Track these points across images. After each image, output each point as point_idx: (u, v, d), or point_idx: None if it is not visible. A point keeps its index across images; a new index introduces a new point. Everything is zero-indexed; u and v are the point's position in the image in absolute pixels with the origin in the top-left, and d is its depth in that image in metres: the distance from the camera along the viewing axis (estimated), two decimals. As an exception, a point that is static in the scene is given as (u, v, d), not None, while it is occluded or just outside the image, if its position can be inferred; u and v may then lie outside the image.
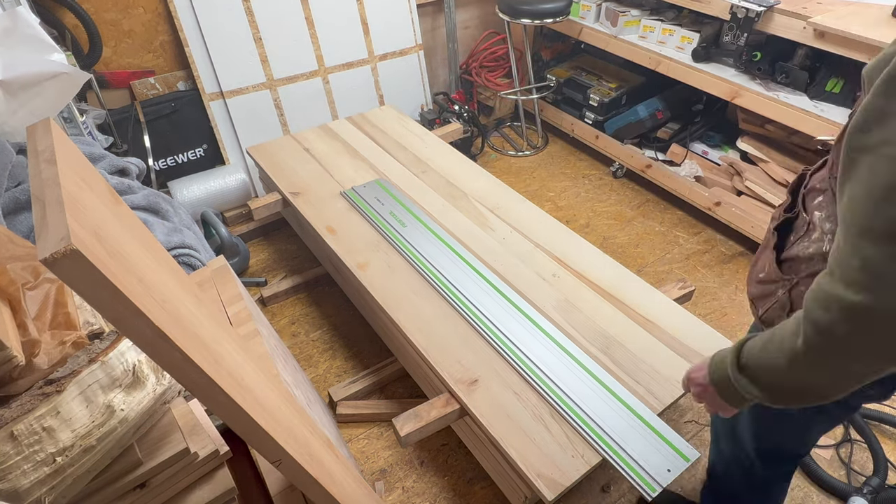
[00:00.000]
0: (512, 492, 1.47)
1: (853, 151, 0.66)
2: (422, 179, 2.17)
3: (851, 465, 1.70)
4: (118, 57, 2.46)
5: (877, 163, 0.63)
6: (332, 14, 2.75)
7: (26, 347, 0.77)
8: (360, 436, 1.83)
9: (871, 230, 0.62)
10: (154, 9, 2.43)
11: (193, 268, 1.79)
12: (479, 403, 1.37)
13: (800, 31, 2.01)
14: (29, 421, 0.73)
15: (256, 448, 0.75)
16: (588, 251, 1.82)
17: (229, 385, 0.66)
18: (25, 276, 0.85)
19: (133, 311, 0.54)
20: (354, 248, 1.85)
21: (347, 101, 2.92)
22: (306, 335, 2.18)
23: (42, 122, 0.74)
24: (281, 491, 1.17)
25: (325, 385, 1.98)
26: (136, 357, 0.88)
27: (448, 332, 1.55)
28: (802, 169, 1.01)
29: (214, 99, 2.59)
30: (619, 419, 1.33)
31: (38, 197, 0.57)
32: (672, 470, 1.23)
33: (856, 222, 0.65)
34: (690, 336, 1.53)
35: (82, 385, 0.78)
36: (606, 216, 2.77)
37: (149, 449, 0.89)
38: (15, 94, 1.60)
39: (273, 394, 0.91)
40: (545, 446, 1.28)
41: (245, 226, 2.68)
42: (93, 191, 0.71)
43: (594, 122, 3.07)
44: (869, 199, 0.63)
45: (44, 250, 0.48)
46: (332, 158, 2.32)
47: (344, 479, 1.03)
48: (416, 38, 3.02)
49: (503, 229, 1.91)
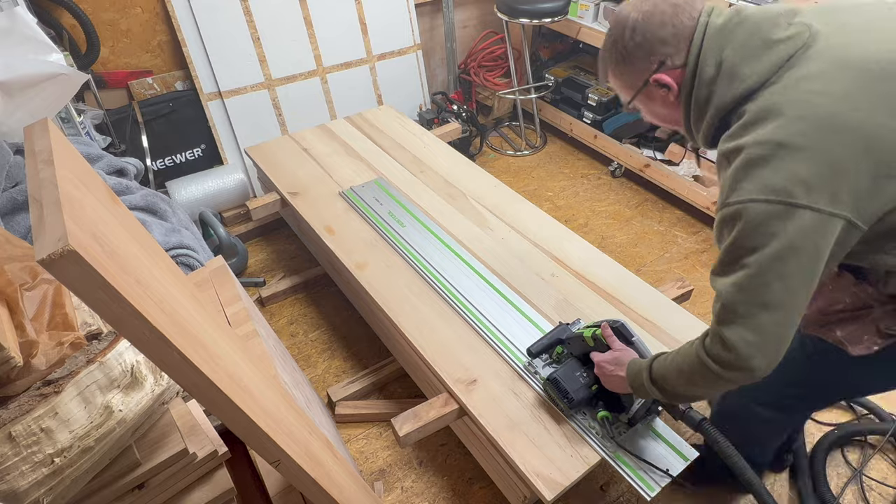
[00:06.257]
0: (511, 492, 1.47)
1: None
2: (420, 179, 2.17)
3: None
4: (116, 57, 2.45)
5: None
6: (330, 14, 2.74)
7: (24, 348, 0.77)
8: (358, 436, 1.83)
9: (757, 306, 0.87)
10: (152, 9, 2.43)
11: (192, 268, 1.79)
12: (478, 403, 1.37)
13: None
14: (27, 422, 0.73)
15: (255, 448, 0.75)
16: (587, 251, 1.82)
17: (228, 386, 0.66)
18: (23, 277, 0.85)
19: (131, 312, 0.54)
20: (353, 248, 1.85)
21: (346, 101, 2.92)
22: (305, 335, 2.18)
23: (40, 123, 0.73)
24: (280, 491, 1.17)
25: (324, 385, 1.98)
26: (135, 358, 0.87)
27: (447, 332, 1.55)
28: None
29: (212, 99, 2.59)
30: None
31: (35, 197, 0.57)
32: (671, 469, 1.23)
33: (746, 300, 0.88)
34: (689, 335, 1.52)
35: (80, 386, 0.78)
36: (605, 215, 2.77)
37: (147, 450, 0.89)
38: (13, 94, 1.60)
39: (272, 394, 0.90)
40: (544, 446, 1.28)
41: (243, 226, 2.68)
42: (90, 191, 0.71)
43: (593, 121, 3.07)
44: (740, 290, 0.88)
45: (41, 251, 0.47)
46: (330, 158, 2.31)
47: (343, 480, 1.03)
48: (414, 37, 3.02)
49: (502, 229, 1.91)
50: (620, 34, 0.98)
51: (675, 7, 0.94)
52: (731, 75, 0.89)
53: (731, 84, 0.90)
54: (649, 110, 1.08)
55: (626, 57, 0.99)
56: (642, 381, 1.08)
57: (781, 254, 0.82)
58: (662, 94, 1.00)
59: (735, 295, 0.87)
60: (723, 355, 0.89)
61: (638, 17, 0.96)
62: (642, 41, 0.96)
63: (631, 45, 0.97)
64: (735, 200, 0.85)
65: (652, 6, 0.95)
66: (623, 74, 1.02)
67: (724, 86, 0.91)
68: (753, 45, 0.88)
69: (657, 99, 1.02)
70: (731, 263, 0.88)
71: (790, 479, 1.66)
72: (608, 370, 1.21)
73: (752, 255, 0.84)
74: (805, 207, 0.80)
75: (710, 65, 0.91)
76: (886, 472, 1.68)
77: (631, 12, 0.97)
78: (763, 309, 0.85)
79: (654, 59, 0.96)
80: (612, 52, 1.02)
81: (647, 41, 0.96)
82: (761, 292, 0.84)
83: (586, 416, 1.33)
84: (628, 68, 1.00)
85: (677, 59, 0.95)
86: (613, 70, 1.04)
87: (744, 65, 0.88)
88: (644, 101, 1.05)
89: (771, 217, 0.81)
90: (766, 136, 0.83)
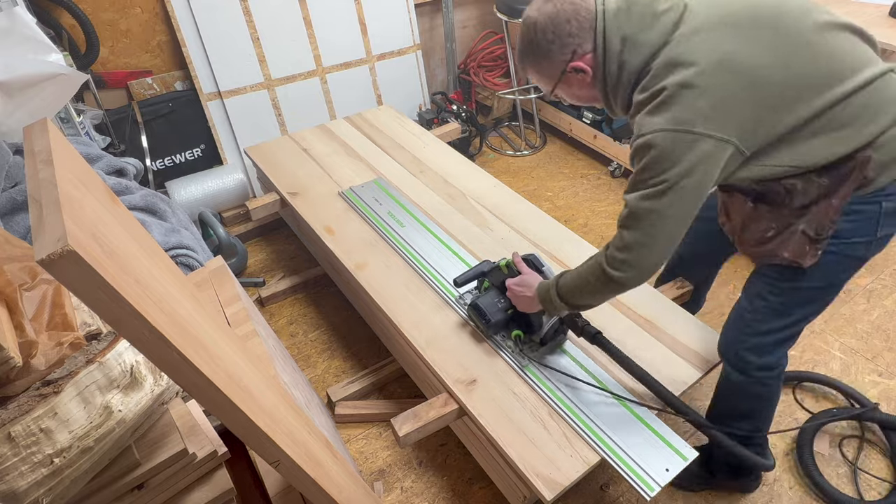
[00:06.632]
0: (511, 492, 1.47)
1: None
2: (420, 179, 2.17)
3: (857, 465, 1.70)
4: (115, 57, 2.45)
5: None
6: (329, 14, 2.74)
7: (23, 348, 0.77)
8: (358, 436, 1.83)
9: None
10: (151, 9, 2.43)
11: (191, 268, 1.79)
12: (478, 403, 1.37)
13: (797, 30, 2.01)
14: (26, 422, 0.73)
15: (255, 449, 0.75)
16: (586, 251, 1.82)
17: (227, 386, 0.66)
18: (23, 277, 0.85)
19: (130, 312, 0.54)
20: (353, 248, 1.85)
21: (345, 101, 2.92)
22: (304, 335, 2.18)
23: (39, 123, 0.73)
24: (279, 492, 1.17)
25: (324, 385, 1.98)
26: (134, 358, 0.87)
27: (447, 332, 1.55)
28: None
29: (212, 99, 2.59)
30: (617, 419, 1.33)
31: (34, 198, 0.57)
32: (670, 469, 1.23)
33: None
34: (688, 335, 1.53)
35: (80, 386, 0.78)
36: (605, 216, 2.77)
37: (147, 450, 0.89)
38: (12, 94, 1.60)
39: (271, 394, 0.90)
40: (544, 446, 1.28)
41: (243, 226, 2.67)
42: (90, 191, 0.71)
43: (592, 121, 3.07)
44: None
45: (41, 251, 0.47)
46: (330, 158, 2.31)
47: (342, 480, 1.03)
48: (413, 37, 3.02)
49: (501, 229, 1.91)
50: (533, 35, 1.15)
51: (573, 4, 1.11)
52: (634, 45, 1.08)
53: (636, 52, 1.08)
54: (570, 94, 1.24)
55: (544, 54, 1.15)
56: (550, 295, 1.27)
57: (682, 174, 1.01)
58: (580, 78, 1.17)
59: (639, 205, 1.06)
60: (618, 256, 1.11)
61: (545, 19, 1.12)
62: (554, 38, 1.13)
63: (545, 43, 1.14)
64: (648, 131, 1.04)
65: (553, 8, 1.12)
66: (543, 69, 1.19)
67: (631, 55, 1.09)
68: (645, 19, 1.08)
69: (575, 83, 1.19)
70: (641, 182, 1.07)
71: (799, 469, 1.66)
72: (517, 291, 1.39)
73: (659, 175, 1.03)
74: (704, 135, 1.00)
75: (615, 42, 1.10)
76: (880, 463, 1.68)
77: (538, 16, 1.13)
78: (659, 218, 1.05)
79: (566, 50, 1.13)
80: (530, 52, 1.18)
81: (559, 37, 1.12)
82: (661, 205, 1.04)
83: (505, 337, 1.51)
84: (546, 63, 1.17)
85: (587, 46, 1.13)
86: (533, 67, 1.20)
87: (642, 35, 1.08)
88: (564, 88, 1.22)
89: (676, 143, 1.01)
90: (671, 81, 1.02)
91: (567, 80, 1.18)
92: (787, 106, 1.01)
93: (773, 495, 1.63)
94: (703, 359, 1.47)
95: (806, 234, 1.14)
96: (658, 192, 1.04)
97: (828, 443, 1.74)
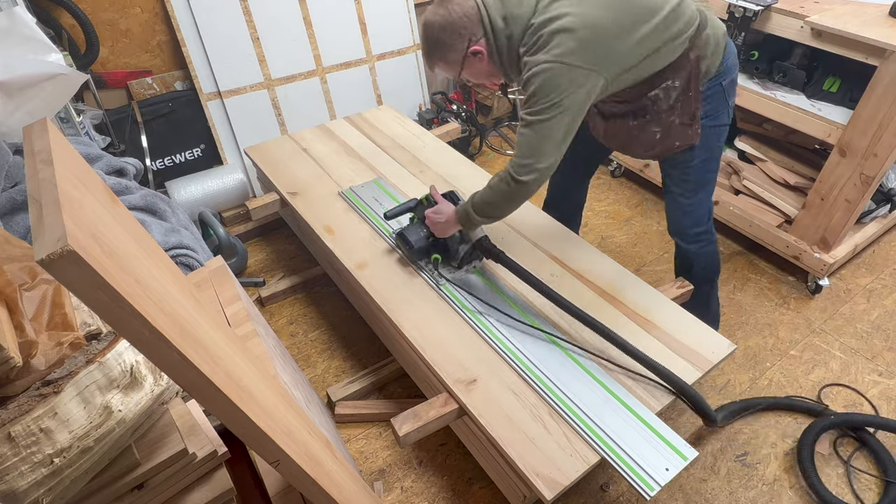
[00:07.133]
0: (511, 491, 1.47)
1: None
2: (420, 179, 2.17)
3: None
4: (115, 57, 2.45)
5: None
6: (329, 14, 2.74)
7: (23, 348, 0.77)
8: (358, 436, 1.83)
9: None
10: (151, 8, 2.43)
11: (191, 268, 1.79)
12: (478, 403, 1.37)
13: (797, 30, 2.01)
14: (26, 422, 0.73)
15: (255, 449, 0.75)
16: (586, 250, 1.82)
17: (227, 386, 0.66)
18: (22, 277, 0.85)
19: (130, 312, 0.54)
20: (353, 248, 1.85)
21: (345, 101, 2.91)
22: (304, 335, 2.18)
23: (39, 123, 0.73)
24: (279, 491, 1.17)
25: (324, 385, 1.98)
26: (134, 358, 0.87)
27: (446, 332, 1.55)
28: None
29: (212, 99, 2.59)
30: (617, 418, 1.33)
31: (34, 197, 0.57)
32: (670, 469, 1.23)
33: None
34: (688, 335, 1.53)
35: (80, 386, 0.78)
36: (604, 215, 2.77)
37: (147, 450, 0.89)
38: (12, 94, 1.60)
39: (271, 394, 0.90)
40: (544, 446, 1.28)
41: (243, 226, 2.67)
42: (90, 191, 0.71)
43: (592, 121, 3.08)
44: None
45: (40, 251, 0.47)
46: (330, 158, 2.31)
47: (342, 480, 1.03)
48: (413, 37, 3.02)
49: (501, 229, 1.91)
50: (434, 34, 1.43)
51: (459, 5, 1.39)
52: (513, 19, 1.38)
53: (516, 23, 1.38)
54: (473, 74, 1.51)
55: (447, 48, 1.44)
56: (468, 211, 1.53)
57: (562, 95, 1.31)
58: (479, 59, 1.45)
59: (532, 121, 1.35)
60: (522, 162, 1.39)
61: (442, 20, 1.40)
62: (452, 32, 1.41)
63: (445, 38, 1.42)
64: (533, 65, 1.33)
65: (446, 10, 1.40)
66: (448, 59, 1.46)
67: (513, 27, 1.38)
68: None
69: (476, 64, 1.46)
70: (532, 105, 1.35)
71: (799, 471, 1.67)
72: (433, 218, 1.63)
73: (546, 97, 1.32)
74: (578, 66, 1.31)
75: (499, 22, 1.39)
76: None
77: (436, 19, 1.42)
78: (549, 130, 1.35)
79: (464, 40, 1.42)
80: (436, 48, 1.45)
81: (456, 31, 1.41)
82: (549, 120, 1.33)
83: (427, 262, 1.73)
84: (450, 55, 1.45)
85: (478, 33, 1.42)
86: (441, 59, 1.47)
87: (517, 10, 1.37)
88: (469, 70, 1.49)
89: (555, 73, 1.31)
90: (546, 30, 1.32)
91: (469, 63, 1.46)
92: (624, 34, 1.34)
93: (773, 495, 1.63)
94: (703, 358, 1.47)
95: (683, 123, 1.52)
96: (545, 110, 1.33)
97: (828, 443, 1.74)
